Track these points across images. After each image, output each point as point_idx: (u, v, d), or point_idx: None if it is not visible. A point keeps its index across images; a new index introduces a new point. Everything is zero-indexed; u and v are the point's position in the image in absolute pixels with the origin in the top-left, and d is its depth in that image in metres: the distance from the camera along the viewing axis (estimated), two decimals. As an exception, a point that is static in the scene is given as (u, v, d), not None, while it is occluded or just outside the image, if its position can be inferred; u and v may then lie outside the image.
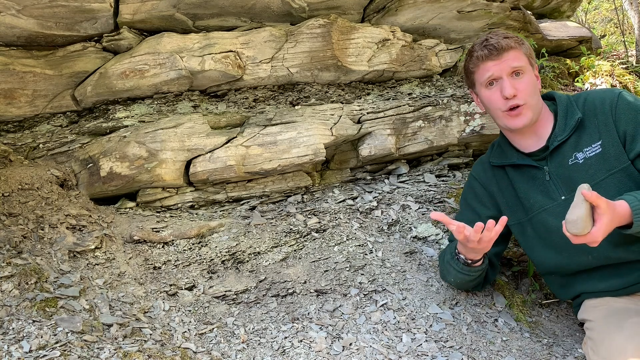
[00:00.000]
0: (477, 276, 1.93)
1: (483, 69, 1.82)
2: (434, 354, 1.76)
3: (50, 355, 1.42)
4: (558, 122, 1.81)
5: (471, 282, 1.96)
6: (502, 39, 1.79)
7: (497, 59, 1.78)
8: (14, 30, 2.11)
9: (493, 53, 1.78)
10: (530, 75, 1.80)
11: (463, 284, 2.00)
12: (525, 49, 1.83)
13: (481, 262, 1.88)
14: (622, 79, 3.46)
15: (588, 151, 1.75)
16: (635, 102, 1.72)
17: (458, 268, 1.91)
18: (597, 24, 7.78)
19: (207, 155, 2.34)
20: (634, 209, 1.51)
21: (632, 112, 1.70)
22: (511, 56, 1.78)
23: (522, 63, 1.79)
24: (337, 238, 2.27)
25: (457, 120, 2.66)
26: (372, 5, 2.69)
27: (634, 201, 1.52)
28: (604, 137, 1.73)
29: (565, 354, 1.88)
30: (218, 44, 2.40)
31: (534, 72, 1.85)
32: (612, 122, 1.72)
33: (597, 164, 1.73)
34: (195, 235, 2.18)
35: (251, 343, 1.77)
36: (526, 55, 1.82)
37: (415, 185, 2.62)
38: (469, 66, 1.88)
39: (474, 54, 1.84)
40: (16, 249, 1.82)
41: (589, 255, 1.76)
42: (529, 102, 1.77)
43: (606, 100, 1.75)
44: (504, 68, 1.77)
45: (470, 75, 1.90)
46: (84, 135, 2.41)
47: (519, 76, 1.78)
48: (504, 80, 1.77)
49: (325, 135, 2.47)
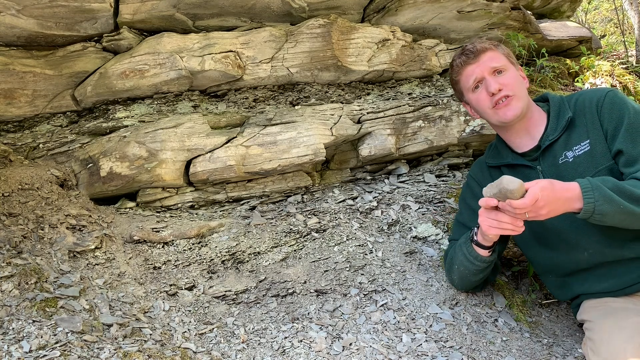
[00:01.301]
0: (481, 269, 1.90)
1: (465, 75, 1.89)
2: (434, 354, 1.76)
3: (50, 355, 1.42)
4: (550, 122, 1.85)
5: (473, 275, 1.94)
6: (478, 44, 1.88)
7: (475, 61, 1.86)
8: (14, 30, 2.11)
9: (470, 57, 1.86)
10: (513, 72, 1.86)
11: (465, 278, 1.97)
12: (501, 49, 1.90)
13: (490, 253, 1.87)
14: (622, 79, 3.46)
15: (577, 149, 1.77)
16: (621, 101, 1.74)
17: (467, 252, 1.88)
18: (597, 24, 7.78)
19: (207, 155, 2.34)
20: (584, 188, 1.54)
21: (615, 111, 1.73)
22: (488, 56, 1.85)
23: (501, 62, 1.85)
24: (337, 238, 2.27)
25: (457, 120, 2.67)
26: (372, 5, 2.69)
27: (584, 182, 1.56)
28: (591, 136, 1.76)
29: (565, 354, 1.88)
30: (218, 44, 2.40)
31: (518, 71, 1.90)
32: (598, 121, 1.76)
33: (585, 162, 1.75)
34: (195, 235, 2.18)
35: (251, 343, 1.77)
36: (505, 55, 1.88)
37: (415, 185, 2.62)
38: (453, 76, 1.96)
39: (454, 62, 1.93)
40: (16, 249, 1.82)
41: (585, 252, 1.77)
42: (517, 93, 1.82)
43: (594, 99, 1.79)
44: (485, 68, 1.84)
45: (456, 86, 1.97)
46: (84, 135, 2.41)
47: (501, 74, 1.84)
48: (487, 78, 1.84)
49: (325, 135, 2.47)
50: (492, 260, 1.91)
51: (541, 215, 1.54)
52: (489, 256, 1.88)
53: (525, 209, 1.52)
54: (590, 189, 1.55)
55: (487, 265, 1.91)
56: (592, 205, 1.53)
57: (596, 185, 1.55)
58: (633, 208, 1.53)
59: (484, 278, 1.98)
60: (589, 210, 1.54)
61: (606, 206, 1.53)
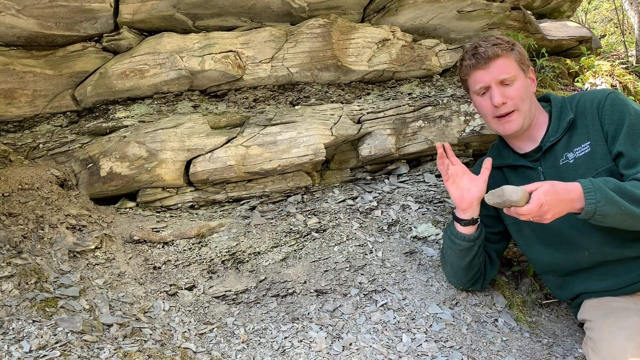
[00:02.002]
0: (464, 249, 1.90)
1: (473, 80, 1.87)
2: (434, 354, 1.76)
3: (50, 355, 1.42)
4: (552, 123, 1.84)
5: (460, 259, 1.94)
6: (490, 47, 1.80)
7: (484, 68, 1.81)
8: (14, 30, 2.11)
9: (480, 62, 1.81)
10: (520, 82, 1.82)
11: (455, 265, 1.97)
12: (515, 54, 1.83)
13: (471, 231, 1.88)
14: (622, 79, 3.46)
15: (578, 151, 1.77)
16: (622, 103, 1.73)
17: (450, 232, 1.93)
18: (597, 24, 7.78)
19: (207, 155, 2.34)
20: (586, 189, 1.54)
21: (616, 113, 1.71)
22: (499, 64, 1.80)
23: (510, 73, 1.80)
24: (337, 238, 2.27)
25: (457, 120, 2.66)
26: (372, 5, 2.69)
27: (586, 183, 1.56)
28: (592, 138, 1.75)
29: (565, 354, 1.88)
30: (218, 44, 2.40)
31: (527, 75, 1.86)
32: (599, 123, 1.75)
33: (586, 164, 1.75)
34: (195, 235, 2.18)
35: (251, 343, 1.77)
36: (516, 61, 1.83)
37: (415, 185, 2.62)
38: (461, 75, 1.94)
39: (464, 62, 1.88)
40: (16, 249, 1.82)
41: (586, 252, 1.77)
42: (520, 108, 1.80)
43: (595, 101, 1.77)
44: (492, 78, 1.81)
45: (464, 82, 1.96)
46: (84, 135, 2.41)
47: (508, 85, 1.81)
48: (493, 89, 1.81)
49: (325, 135, 2.47)
50: (474, 240, 1.90)
51: (546, 219, 1.55)
52: (470, 235, 1.89)
53: (531, 215, 1.52)
54: (592, 189, 1.54)
55: (469, 245, 1.90)
56: (594, 206, 1.53)
57: (598, 186, 1.55)
58: (634, 209, 1.53)
59: (472, 266, 1.95)
60: (591, 211, 1.54)
61: (608, 207, 1.53)
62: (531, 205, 1.51)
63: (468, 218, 1.89)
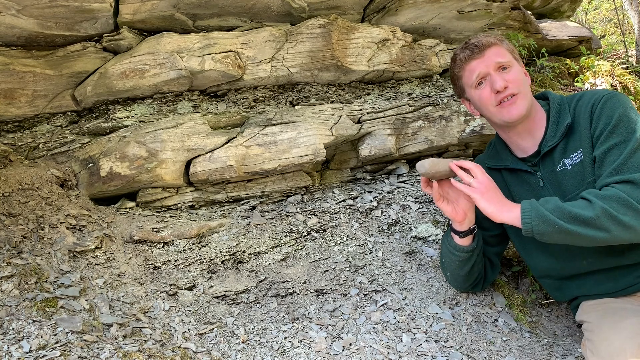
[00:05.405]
0: (462, 260, 1.90)
1: (469, 71, 1.82)
2: (434, 354, 1.76)
3: (50, 355, 1.42)
4: (549, 127, 1.78)
5: (459, 268, 1.94)
6: (482, 38, 1.80)
7: (480, 56, 1.79)
8: (14, 30, 2.11)
9: (475, 51, 1.79)
10: (517, 68, 1.81)
11: (454, 272, 1.98)
12: (506, 45, 1.83)
13: (468, 242, 1.89)
14: (622, 79, 3.45)
15: (574, 158, 1.73)
16: (612, 106, 1.65)
17: (448, 243, 1.94)
18: (597, 24, 7.78)
19: (207, 155, 2.34)
20: (522, 210, 1.63)
21: (603, 116, 1.65)
22: (493, 52, 1.79)
23: (506, 58, 1.79)
24: (337, 238, 2.27)
25: (457, 120, 2.66)
26: (372, 5, 2.69)
27: (525, 204, 1.64)
28: (584, 145, 1.71)
29: (565, 354, 1.88)
30: (218, 44, 2.40)
31: (521, 67, 1.84)
32: (590, 128, 1.70)
33: (580, 173, 1.72)
34: (195, 235, 2.18)
35: (251, 343, 1.77)
36: (509, 51, 1.82)
37: (415, 185, 2.62)
38: (455, 72, 1.89)
39: (457, 57, 1.85)
40: (16, 249, 1.82)
41: (584, 261, 1.76)
42: (523, 91, 1.76)
43: (589, 103, 1.72)
44: (490, 64, 1.78)
45: (458, 82, 1.90)
46: (84, 135, 2.41)
47: (506, 70, 1.78)
48: (492, 75, 1.77)
49: (325, 135, 2.47)
50: (472, 251, 1.89)
51: (481, 193, 1.70)
52: (468, 246, 1.88)
53: (478, 187, 1.70)
54: (528, 209, 1.61)
55: (468, 256, 1.90)
56: (529, 225, 1.59)
57: (535, 206, 1.61)
58: (567, 227, 1.53)
59: (471, 274, 1.96)
60: (528, 231, 1.60)
61: (542, 226, 1.57)
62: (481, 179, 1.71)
63: (466, 229, 1.88)
